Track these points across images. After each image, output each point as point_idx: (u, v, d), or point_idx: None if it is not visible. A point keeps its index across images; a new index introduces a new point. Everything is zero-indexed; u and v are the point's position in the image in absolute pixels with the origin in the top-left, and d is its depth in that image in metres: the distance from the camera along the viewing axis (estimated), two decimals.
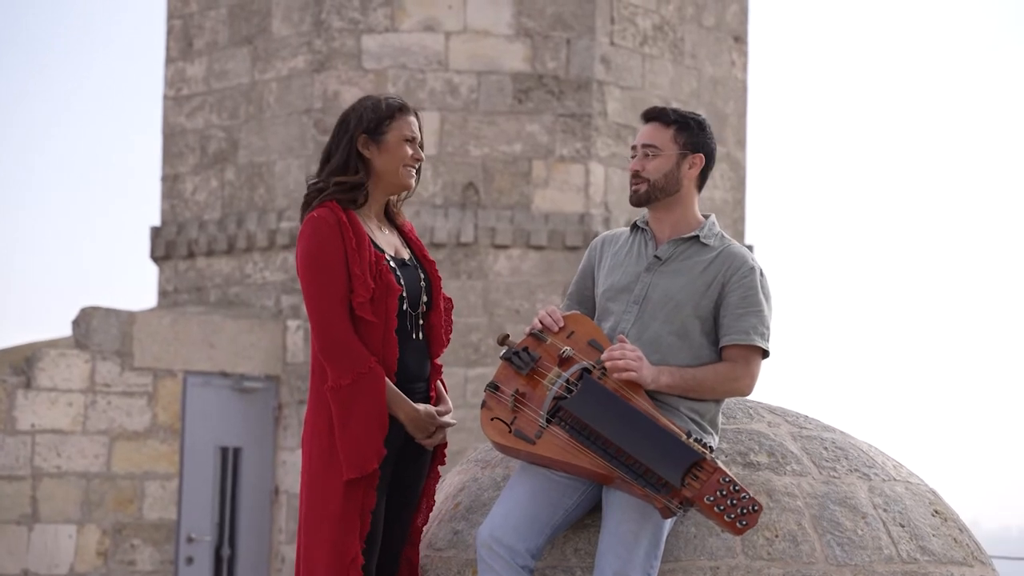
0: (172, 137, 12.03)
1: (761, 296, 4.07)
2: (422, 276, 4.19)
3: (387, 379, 4.00)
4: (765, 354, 4.08)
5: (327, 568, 3.98)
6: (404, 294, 4.08)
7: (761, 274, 4.11)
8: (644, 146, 4.12)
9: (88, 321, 10.12)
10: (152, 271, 12.14)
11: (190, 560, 10.50)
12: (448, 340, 4.26)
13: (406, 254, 4.20)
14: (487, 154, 11.03)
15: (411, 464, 4.16)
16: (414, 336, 4.12)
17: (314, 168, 8.20)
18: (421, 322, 4.16)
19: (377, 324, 4.02)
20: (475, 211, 10.99)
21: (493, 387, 4.06)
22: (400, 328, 4.07)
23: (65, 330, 10.38)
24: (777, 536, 4.07)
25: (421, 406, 4.07)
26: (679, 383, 3.98)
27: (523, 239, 10.96)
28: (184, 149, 11.94)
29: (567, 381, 3.97)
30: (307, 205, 4.15)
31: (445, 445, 4.23)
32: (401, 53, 11.05)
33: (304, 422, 4.11)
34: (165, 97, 12.10)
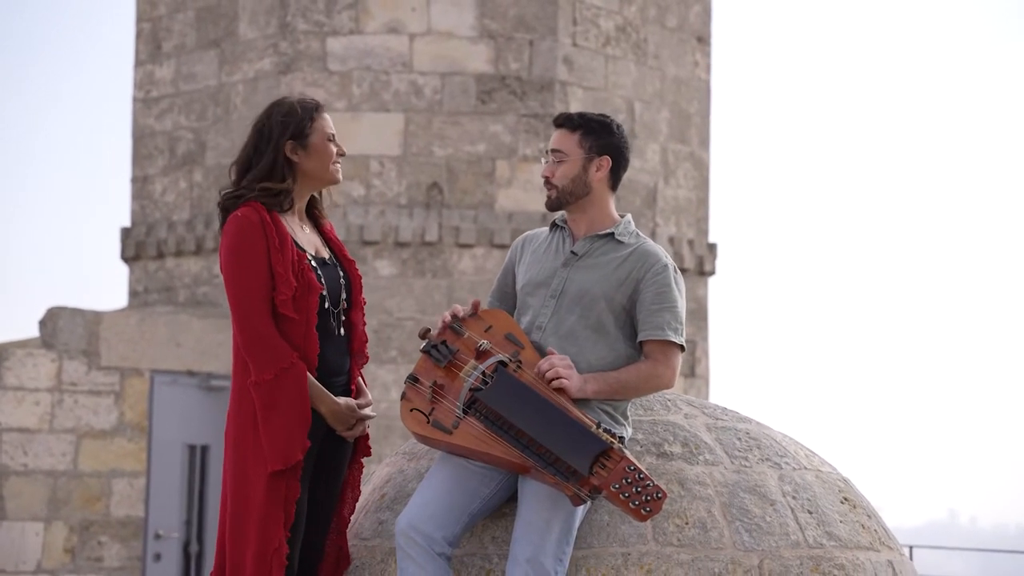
0: (141, 139, 12.16)
1: (675, 292, 4.21)
2: (342, 275, 4.33)
3: (308, 374, 4.14)
4: (682, 348, 4.22)
5: (252, 557, 4.11)
6: (325, 292, 4.22)
7: (675, 271, 4.25)
8: (552, 151, 4.28)
9: (55, 321, 10.24)
10: (122, 271, 12.28)
11: (158, 557, 10.63)
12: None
13: (326, 253, 4.34)
14: (451, 154, 11.17)
15: (332, 455, 4.29)
16: (336, 333, 4.26)
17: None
18: (343, 319, 4.29)
19: (299, 321, 4.15)
20: (439, 210, 11.13)
21: (413, 379, 4.19)
22: (321, 325, 4.21)
23: (35, 331, 10.50)
24: (687, 523, 4.21)
25: (342, 399, 4.20)
26: (605, 388, 4.11)
27: (487, 238, 11.10)
28: (153, 151, 12.07)
29: (483, 373, 4.11)
30: (227, 209, 4.25)
31: (367, 437, 4.37)
32: (366, 55, 11.19)
33: (227, 416, 4.23)
34: (134, 99, 12.23)
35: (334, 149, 4.27)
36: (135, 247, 12.02)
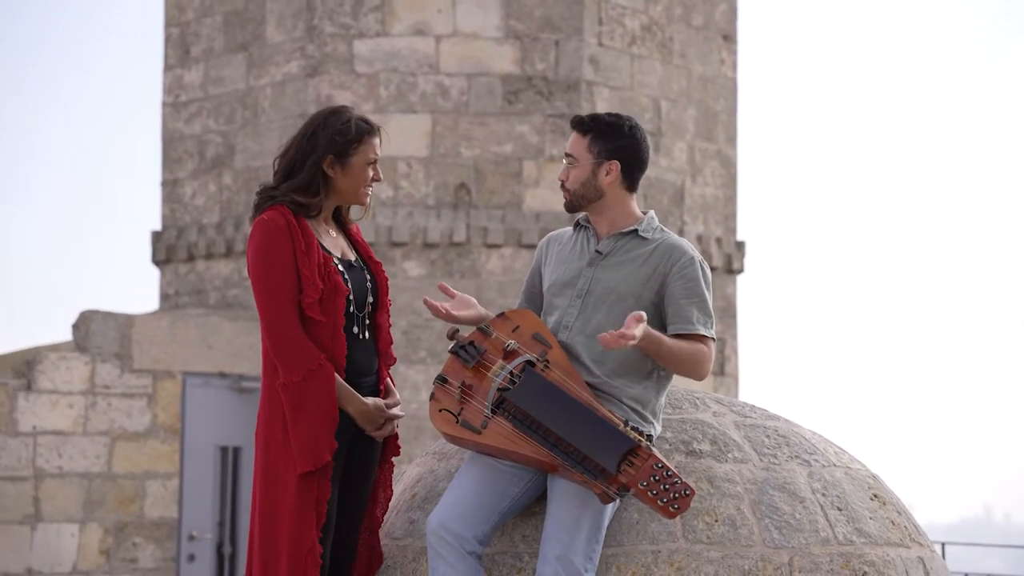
0: (171, 143, 12.24)
1: (703, 286, 4.22)
2: (368, 277, 4.36)
3: (336, 375, 4.18)
4: (713, 340, 4.24)
5: (287, 559, 4.15)
6: (351, 295, 4.26)
7: (702, 264, 4.25)
8: (566, 155, 4.30)
9: (87, 324, 10.33)
10: (153, 275, 12.37)
11: (192, 558, 10.70)
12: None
13: (352, 256, 4.38)
14: (478, 155, 11.21)
15: (362, 456, 4.33)
16: (361, 336, 4.29)
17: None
18: (368, 321, 4.33)
19: (326, 323, 4.19)
20: (467, 211, 11.17)
21: (441, 380, 4.23)
22: (347, 327, 4.25)
23: (68, 334, 10.59)
24: (717, 521, 4.23)
25: (370, 400, 4.24)
26: (655, 339, 4.03)
27: (515, 238, 11.13)
28: (183, 154, 12.15)
29: (511, 373, 4.14)
30: (258, 208, 4.31)
31: (396, 437, 4.41)
32: (392, 57, 11.24)
33: (257, 418, 4.28)
34: (164, 104, 12.31)
35: (370, 174, 4.30)
36: (166, 250, 12.10)
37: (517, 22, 11.29)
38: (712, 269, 12.14)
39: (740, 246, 12.41)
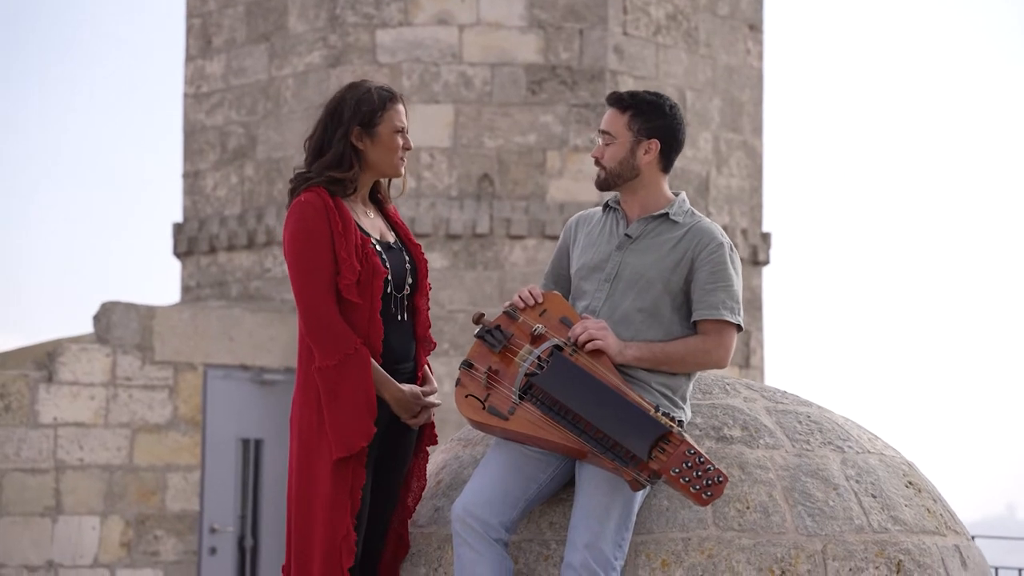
0: (192, 134, 12.18)
1: (731, 271, 4.13)
2: (407, 259, 4.28)
3: (373, 360, 4.09)
4: (739, 328, 4.15)
5: (321, 544, 4.07)
6: (389, 276, 4.17)
7: (731, 249, 4.17)
8: (602, 132, 4.21)
9: (108, 316, 10.28)
10: (175, 267, 12.31)
11: (213, 551, 10.64)
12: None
13: (391, 237, 4.29)
14: (501, 145, 11.12)
15: (397, 443, 4.25)
16: (399, 318, 4.21)
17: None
18: (406, 304, 4.25)
19: (363, 306, 4.11)
20: (490, 202, 11.08)
21: (467, 365, 4.14)
22: (385, 310, 4.16)
23: (90, 326, 10.54)
24: (748, 508, 4.14)
25: (406, 386, 4.15)
26: (648, 356, 4.05)
27: (538, 229, 11.04)
28: (204, 146, 12.09)
29: (538, 358, 4.05)
30: (294, 192, 4.24)
31: (433, 425, 4.33)
32: (415, 47, 11.16)
33: (292, 402, 4.20)
34: (185, 95, 12.25)
35: (401, 142, 4.22)
36: (187, 242, 12.05)
37: (541, 11, 11.20)
38: None
39: (766, 237, 12.30)
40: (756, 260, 12.20)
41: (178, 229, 12.17)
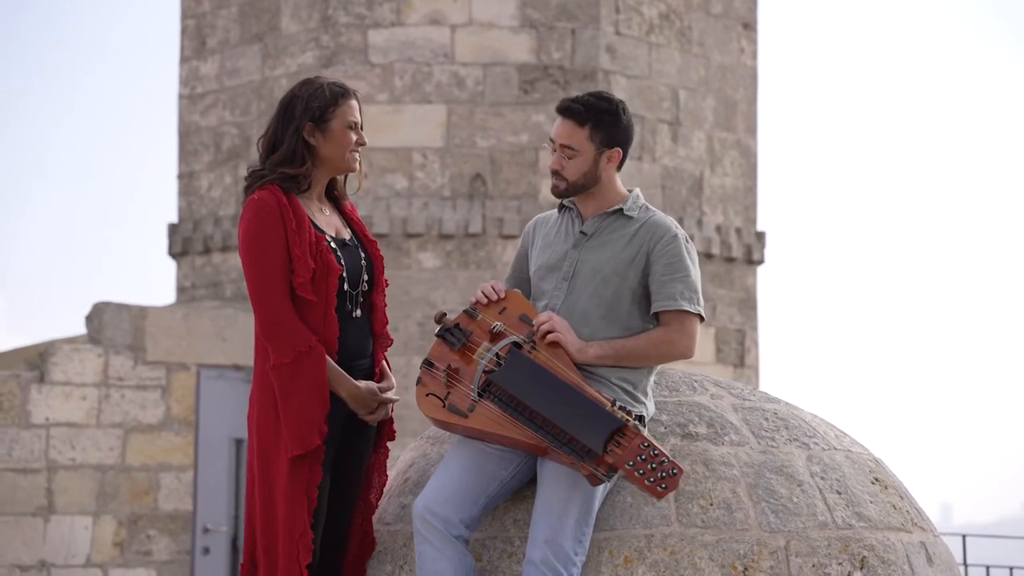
0: (187, 135, 12.20)
1: (687, 262, 4.13)
2: (363, 256, 4.28)
3: (328, 357, 4.10)
4: (701, 318, 4.15)
5: (284, 543, 4.08)
6: (344, 274, 4.17)
7: (686, 240, 4.17)
8: (561, 147, 4.17)
9: (100, 316, 10.30)
10: (170, 267, 12.33)
11: (207, 550, 10.65)
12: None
13: (347, 234, 4.29)
14: (494, 145, 11.12)
15: (355, 440, 4.25)
16: (354, 315, 4.21)
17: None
18: (362, 300, 4.25)
19: (317, 304, 4.11)
20: (483, 202, 11.08)
21: (428, 364, 4.14)
22: (340, 307, 4.17)
23: (83, 327, 10.56)
24: (712, 504, 4.14)
25: (363, 383, 4.16)
26: (610, 353, 4.06)
27: None
28: (199, 147, 12.11)
29: (497, 355, 4.06)
30: (248, 189, 4.25)
31: (391, 421, 4.33)
32: (407, 47, 11.16)
33: (249, 401, 4.20)
34: (180, 96, 12.27)
35: (353, 137, 4.23)
36: (182, 243, 12.07)
37: (533, 11, 11.20)
38: (732, 260, 12.04)
39: (760, 236, 12.29)
40: (750, 259, 12.19)
41: (173, 230, 12.19)
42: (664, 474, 3.74)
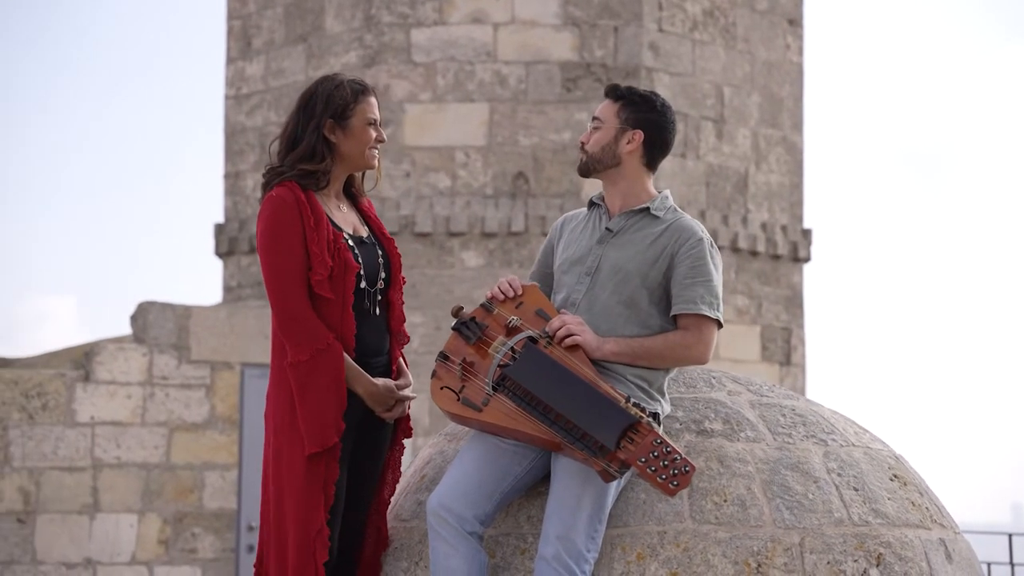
0: (233, 135, 12.28)
1: (710, 266, 4.11)
2: (380, 253, 4.29)
3: (345, 354, 4.10)
4: (720, 324, 4.13)
5: (295, 540, 4.09)
6: (361, 271, 4.18)
7: (711, 245, 4.16)
8: (593, 119, 4.25)
9: (145, 316, 10.39)
10: (217, 267, 12.42)
11: (251, 548, 10.71)
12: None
13: (364, 232, 4.30)
14: (536, 143, 11.12)
15: (372, 437, 4.25)
16: (372, 312, 4.22)
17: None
18: (379, 298, 4.25)
19: (335, 301, 4.12)
20: (525, 200, 11.08)
21: (443, 357, 4.15)
22: (357, 305, 4.17)
23: (129, 327, 10.66)
24: (726, 501, 4.11)
25: (380, 380, 4.16)
26: (626, 351, 4.04)
27: None
28: (244, 147, 12.19)
29: (512, 350, 4.05)
30: (267, 186, 4.26)
31: (408, 418, 4.33)
32: (450, 46, 11.18)
33: (266, 398, 4.22)
34: (226, 96, 12.35)
35: (373, 135, 4.24)
36: (228, 243, 12.14)
37: (576, 9, 11.18)
38: (777, 258, 11.96)
39: (807, 234, 12.20)
40: (796, 257, 12.11)
41: (219, 229, 12.27)
42: (676, 471, 3.72)
